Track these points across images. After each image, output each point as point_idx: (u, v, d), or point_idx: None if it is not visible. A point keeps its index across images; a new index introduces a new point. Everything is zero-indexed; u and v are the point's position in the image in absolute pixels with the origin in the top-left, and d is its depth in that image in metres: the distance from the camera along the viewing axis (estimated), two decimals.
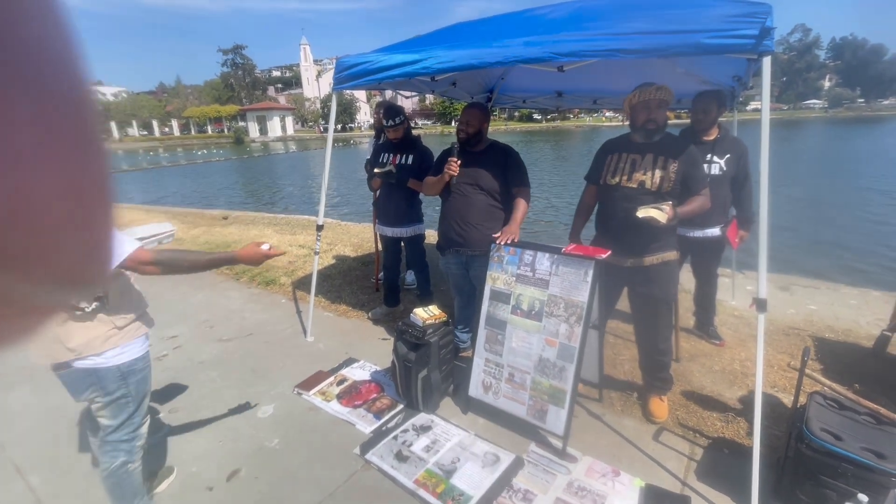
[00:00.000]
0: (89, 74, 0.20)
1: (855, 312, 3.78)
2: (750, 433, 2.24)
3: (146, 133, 61.99)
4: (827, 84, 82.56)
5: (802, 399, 2.01)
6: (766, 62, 1.78)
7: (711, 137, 2.96)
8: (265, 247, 1.71)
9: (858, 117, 61.04)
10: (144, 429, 1.84)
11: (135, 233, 1.68)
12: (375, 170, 3.33)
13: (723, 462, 2.21)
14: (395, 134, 3.39)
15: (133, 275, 1.72)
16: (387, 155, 3.46)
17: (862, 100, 78.29)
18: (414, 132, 3.59)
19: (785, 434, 1.98)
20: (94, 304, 1.58)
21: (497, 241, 2.57)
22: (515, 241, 2.55)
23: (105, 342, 1.61)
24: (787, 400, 2.60)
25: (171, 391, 2.90)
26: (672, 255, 2.40)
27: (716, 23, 1.78)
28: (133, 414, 1.75)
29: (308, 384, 2.92)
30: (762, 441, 1.89)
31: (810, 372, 1.92)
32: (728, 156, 2.94)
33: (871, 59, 77.62)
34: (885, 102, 76.83)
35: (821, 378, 2.02)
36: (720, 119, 3.02)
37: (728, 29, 1.76)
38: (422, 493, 2.06)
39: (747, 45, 1.73)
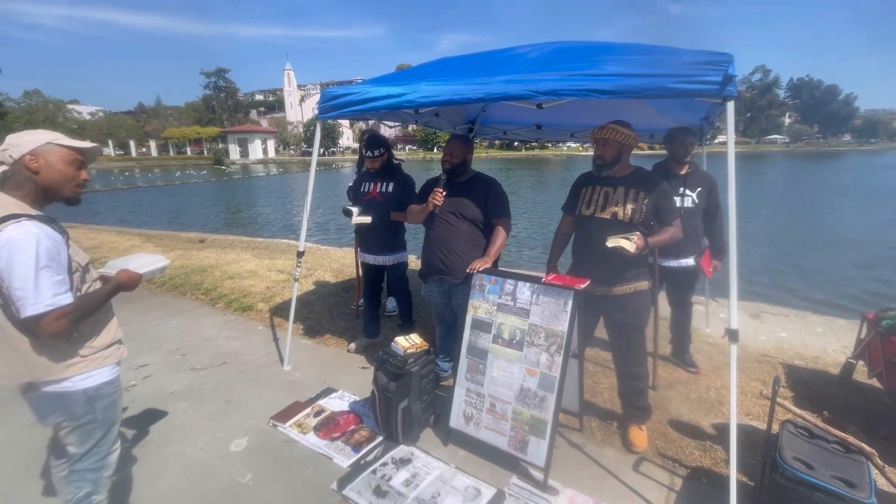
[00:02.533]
0: None
1: (822, 340, 3.92)
2: (727, 462, 2.26)
3: (122, 153, 60.81)
4: (787, 120, 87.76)
5: (775, 427, 2.07)
6: (730, 106, 1.90)
7: (683, 172, 3.11)
8: (148, 266, 1.74)
9: (817, 152, 64.97)
10: (113, 458, 1.77)
11: (127, 263, 1.65)
12: (353, 221, 3.32)
13: (701, 492, 2.22)
14: (372, 165, 3.44)
15: (112, 301, 1.69)
16: (368, 184, 3.48)
17: (820, 136, 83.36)
18: (398, 157, 3.63)
19: (760, 463, 2.02)
20: None
21: (468, 269, 2.63)
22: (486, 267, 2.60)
23: (66, 369, 1.55)
24: (762, 427, 2.65)
25: (138, 424, 2.77)
26: (644, 284, 2.47)
27: (683, 69, 1.90)
28: (100, 441, 1.69)
29: (284, 415, 2.83)
30: (738, 470, 1.92)
31: (781, 400, 1.98)
32: (699, 189, 3.08)
33: (826, 98, 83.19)
34: (845, 139, 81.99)
35: (791, 407, 2.07)
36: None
37: (694, 75, 1.88)
38: None
39: (711, 90, 1.86)
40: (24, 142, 1.46)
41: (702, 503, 2.14)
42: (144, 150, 62.83)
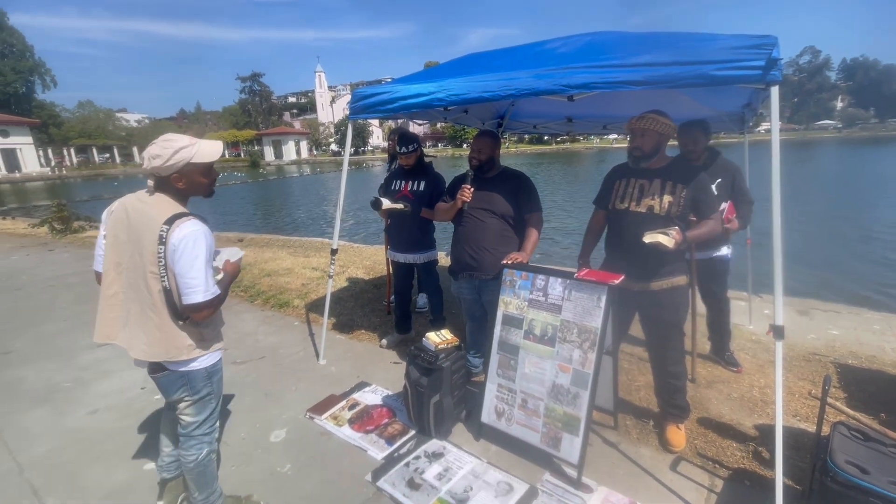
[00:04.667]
0: None
1: (879, 338, 3.68)
2: (772, 464, 2.17)
3: None
4: (840, 104, 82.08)
5: (825, 429, 1.96)
6: (774, 92, 1.81)
7: (698, 164, 2.97)
8: (234, 256, 1.95)
9: (874, 137, 60.42)
10: (218, 422, 2.03)
11: (221, 256, 1.93)
12: (383, 207, 3.34)
13: (744, 495, 2.14)
14: (407, 161, 3.44)
15: None
16: (399, 182, 3.51)
17: (877, 120, 77.56)
18: (428, 154, 3.64)
19: (809, 466, 1.92)
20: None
21: (504, 261, 2.62)
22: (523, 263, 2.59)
23: (193, 350, 1.78)
24: (810, 429, 2.52)
25: None
26: (682, 279, 2.39)
27: (723, 54, 1.82)
28: (214, 409, 1.96)
29: (320, 408, 2.92)
30: (785, 473, 1.84)
31: (833, 401, 1.87)
32: (719, 180, 2.93)
33: (884, 79, 77.20)
34: None
35: (844, 408, 1.96)
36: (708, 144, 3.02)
37: (735, 60, 1.79)
38: None
39: (755, 75, 1.77)
40: (171, 164, 1.64)
41: None
42: None
